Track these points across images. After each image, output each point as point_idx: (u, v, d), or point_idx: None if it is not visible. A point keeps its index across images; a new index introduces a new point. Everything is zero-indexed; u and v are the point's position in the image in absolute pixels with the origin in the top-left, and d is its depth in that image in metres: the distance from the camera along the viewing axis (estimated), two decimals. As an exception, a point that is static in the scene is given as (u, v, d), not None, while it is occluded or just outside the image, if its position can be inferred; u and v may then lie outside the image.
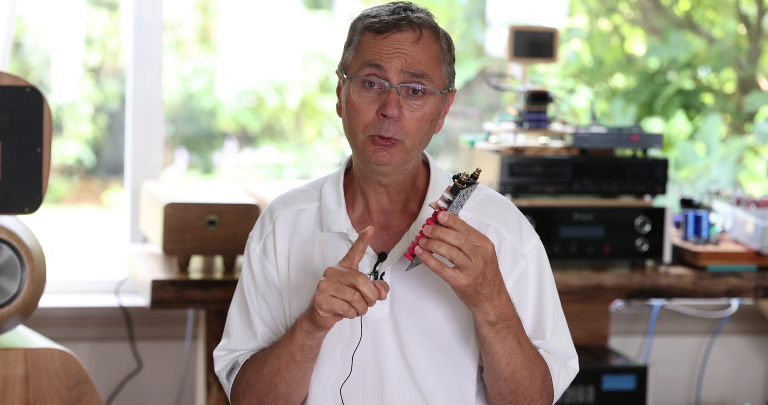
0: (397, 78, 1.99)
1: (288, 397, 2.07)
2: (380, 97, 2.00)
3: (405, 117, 2.00)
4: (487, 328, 1.98)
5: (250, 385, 2.09)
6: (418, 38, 2.00)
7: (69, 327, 3.49)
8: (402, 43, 2.00)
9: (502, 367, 2.01)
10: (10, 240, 2.59)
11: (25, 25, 5.71)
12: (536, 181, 3.15)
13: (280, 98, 5.97)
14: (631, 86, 4.75)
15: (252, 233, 2.18)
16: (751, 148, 4.58)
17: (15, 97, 2.58)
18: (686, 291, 3.17)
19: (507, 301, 1.98)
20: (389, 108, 1.98)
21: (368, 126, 2.01)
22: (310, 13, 6.07)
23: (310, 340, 2.00)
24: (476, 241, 1.90)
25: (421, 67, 2.00)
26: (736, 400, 3.96)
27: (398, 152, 2.01)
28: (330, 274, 1.93)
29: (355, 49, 2.03)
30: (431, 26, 2.03)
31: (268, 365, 2.06)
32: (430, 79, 2.01)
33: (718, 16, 4.95)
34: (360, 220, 2.10)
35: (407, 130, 2.00)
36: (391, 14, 2.02)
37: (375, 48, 2.00)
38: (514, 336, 1.99)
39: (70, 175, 6.14)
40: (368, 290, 1.90)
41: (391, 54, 1.99)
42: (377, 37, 2.01)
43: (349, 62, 2.04)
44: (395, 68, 1.99)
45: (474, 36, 4.97)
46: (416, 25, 2.01)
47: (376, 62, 2.00)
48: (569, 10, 4.95)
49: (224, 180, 5.90)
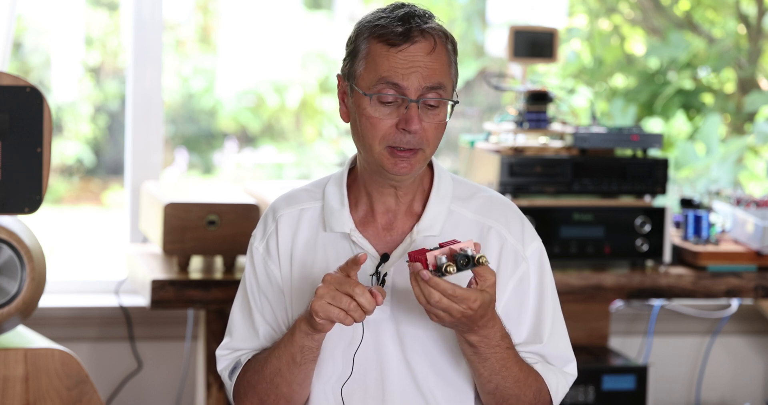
0: (416, 93, 1.98)
1: (290, 398, 2.07)
2: (398, 110, 1.99)
3: (425, 127, 1.99)
4: (466, 346, 1.99)
5: (251, 385, 2.09)
6: (432, 49, 1.99)
7: (69, 327, 3.49)
8: (416, 56, 1.97)
9: (484, 382, 2.02)
10: (10, 240, 2.59)
11: (25, 25, 5.71)
12: (536, 181, 3.15)
13: (280, 98, 5.96)
14: (631, 86, 4.75)
15: (255, 232, 2.18)
16: (751, 148, 4.58)
17: (15, 97, 2.58)
18: (686, 291, 3.17)
19: (496, 331, 1.97)
20: (412, 124, 1.97)
21: (385, 138, 2.00)
22: (310, 13, 6.07)
23: (310, 341, 2.00)
24: (458, 299, 1.89)
25: (437, 79, 1.99)
26: (736, 400, 3.96)
27: (418, 161, 2.01)
28: (328, 281, 1.92)
29: (366, 61, 2.00)
30: (441, 32, 2.01)
31: (269, 366, 2.06)
32: (445, 89, 2.00)
33: (718, 16, 4.94)
34: (363, 220, 2.10)
35: (428, 138, 2.00)
36: (400, 23, 1.98)
37: (390, 63, 1.97)
38: (497, 361, 1.99)
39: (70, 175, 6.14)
40: (365, 301, 1.90)
41: (407, 69, 1.97)
42: (390, 50, 1.98)
43: (359, 73, 2.01)
44: (413, 84, 1.97)
45: (474, 36, 4.97)
46: (428, 35, 1.99)
47: (393, 81, 1.97)
48: (569, 10, 4.95)
49: (224, 180, 5.90)
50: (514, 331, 2.07)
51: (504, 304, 2.07)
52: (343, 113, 2.08)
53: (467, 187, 2.14)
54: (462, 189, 2.13)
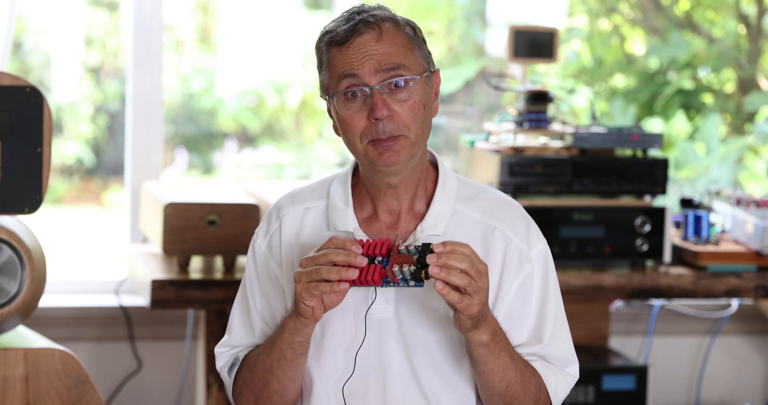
0: (374, 79, 1.99)
1: (282, 393, 2.07)
2: (366, 103, 2.00)
3: (397, 112, 1.99)
4: (482, 350, 1.98)
5: (246, 383, 2.10)
6: (380, 35, 2.00)
7: (69, 327, 3.49)
8: (366, 45, 1.99)
9: (497, 383, 2.01)
10: (10, 240, 2.59)
11: (25, 25, 5.70)
12: (536, 181, 3.15)
13: (280, 98, 5.96)
14: (631, 86, 4.75)
15: (258, 229, 2.18)
16: (751, 148, 4.58)
17: (15, 97, 2.58)
18: (686, 291, 3.17)
19: (495, 322, 1.99)
20: (377, 110, 1.98)
21: (364, 133, 2.01)
22: (310, 13, 6.07)
23: (299, 336, 1.99)
24: (478, 262, 1.89)
25: (394, 59, 1.99)
26: (736, 400, 3.96)
27: (403, 147, 2.01)
28: (303, 263, 1.92)
29: (328, 69, 2.03)
30: (388, 19, 2.02)
31: (260, 363, 2.06)
32: (407, 68, 2.00)
33: (718, 16, 4.94)
34: (367, 219, 2.10)
35: (405, 122, 2.00)
36: (347, 22, 2.01)
37: (344, 59, 2.00)
38: (505, 351, 2.00)
39: (70, 175, 6.13)
40: (343, 257, 1.88)
41: (360, 59, 1.99)
42: (341, 48, 2.00)
43: (327, 82, 2.04)
44: (369, 71, 1.99)
45: (474, 36, 4.97)
46: (372, 24, 2.00)
47: (349, 72, 1.99)
48: (569, 10, 4.95)
49: (224, 180, 5.90)
50: (515, 332, 2.07)
51: (507, 305, 2.07)
52: (334, 127, 2.10)
53: (472, 188, 2.14)
54: (467, 189, 2.13)
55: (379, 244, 1.91)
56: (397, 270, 1.88)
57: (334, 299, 1.93)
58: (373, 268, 1.89)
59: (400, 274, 1.88)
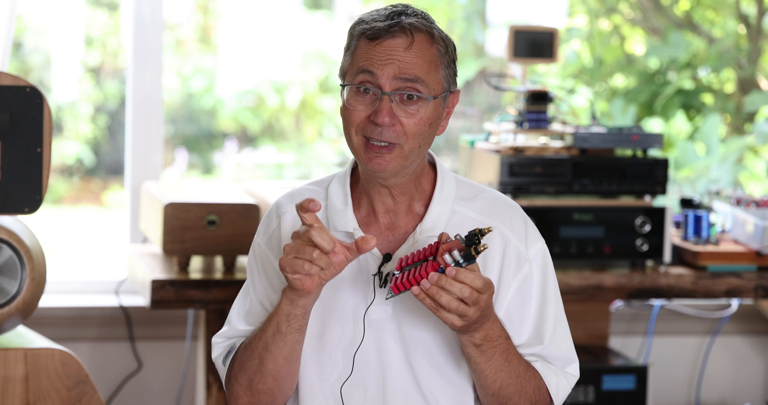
0: (389, 85, 1.99)
1: (276, 374, 2.05)
2: (374, 103, 2.00)
3: (401, 122, 2.00)
4: (472, 349, 1.98)
5: (241, 364, 2.08)
6: (410, 44, 1.99)
7: (69, 327, 3.49)
8: (394, 50, 1.99)
9: (489, 383, 2.02)
10: (10, 240, 2.59)
11: (25, 25, 5.70)
12: (536, 181, 3.15)
13: (280, 98, 5.96)
14: (631, 86, 4.75)
15: (258, 228, 2.19)
16: (751, 148, 4.58)
17: (15, 97, 2.58)
18: (686, 291, 3.18)
19: (495, 323, 1.99)
20: (380, 116, 1.98)
21: (360, 128, 2.01)
22: (310, 13, 6.07)
23: (294, 308, 1.98)
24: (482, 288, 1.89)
25: (415, 72, 1.99)
26: (736, 400, 3.96)
27: (395, 158, 2.01)
28: (294, 236, 1.93)
29: (351, 55, 2.03)
30: (425, 30, 2.01)
31: (256, 340, 2.05)
32: (425, 84, 2.00)
33: (718, 16, 4.94)
34: (365, 219, 2.10)
35: (406, 133, 2.00)
36: (385, 20, 2.01)
37: (368, 55, 2.00)
38: (501, 354, 2.00)
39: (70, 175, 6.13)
40: (322, 241, 1.89)
41: (383, 61, 1.99)
42: (370, 43, 2.00)
43: (346, 68, 2.04)
44: (387, 75, 1.99)
45: (474, 36, 4.97)
46: (408, 31, 2.00)
47: (368, 69, 1.99)
48: (569, 10, 4.95)
49: (224, 180, 5.90)
50: (515, 332, 2.07)
51: (507, 305, 2.07)
52: (341, 110, 2.10)
53: (471, 188, 2.14)
54: (466, 189, 2.13)
55: (426, 250, 1.93)
56: (448, 256, 1.88)
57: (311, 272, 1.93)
58: (423, 266, 1.90)
59: (452, 260, 1.88)
